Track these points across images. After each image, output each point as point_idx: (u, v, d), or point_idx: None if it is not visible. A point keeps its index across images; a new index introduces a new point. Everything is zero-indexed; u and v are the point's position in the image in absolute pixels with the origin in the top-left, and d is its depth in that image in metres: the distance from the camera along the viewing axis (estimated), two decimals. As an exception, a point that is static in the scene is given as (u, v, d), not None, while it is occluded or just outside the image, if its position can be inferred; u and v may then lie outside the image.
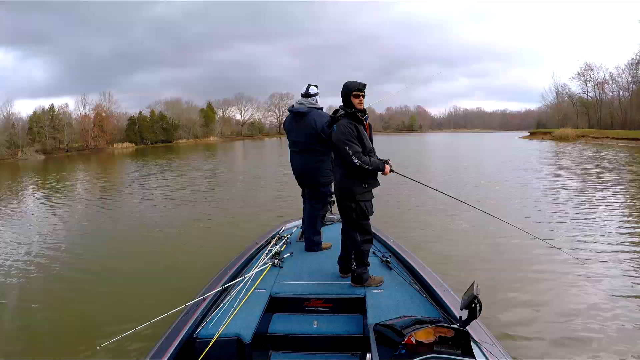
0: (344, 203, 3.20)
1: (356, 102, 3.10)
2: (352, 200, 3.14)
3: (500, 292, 4.77)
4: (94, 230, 8.96)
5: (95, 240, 8.17)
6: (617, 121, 55.55)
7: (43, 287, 5.66)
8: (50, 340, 4.18)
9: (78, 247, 7.60)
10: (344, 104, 3.15)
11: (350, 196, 3.14)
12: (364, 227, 3.22)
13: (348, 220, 3.23)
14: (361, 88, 3.11)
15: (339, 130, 3.08)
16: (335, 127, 3.12)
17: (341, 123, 3.09)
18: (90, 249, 7.41)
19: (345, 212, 3.20)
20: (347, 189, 3.15)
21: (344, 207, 3.21)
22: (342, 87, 3.15)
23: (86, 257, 6.95)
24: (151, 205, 11.82)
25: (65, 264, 6.63)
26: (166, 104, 75.58)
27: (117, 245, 7.67)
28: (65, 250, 7.39)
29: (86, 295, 5.34)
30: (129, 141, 62.37)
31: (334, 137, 3.11)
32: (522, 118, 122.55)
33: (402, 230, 7.59)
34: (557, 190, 12.21)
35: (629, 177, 15.25)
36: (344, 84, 3.15)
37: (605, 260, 5.74)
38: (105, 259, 6.79)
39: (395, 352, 2.02)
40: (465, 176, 15.57)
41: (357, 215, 3.16)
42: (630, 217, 8.56)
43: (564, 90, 67.45)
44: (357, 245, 3.19)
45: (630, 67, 53.86)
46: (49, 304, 5.11)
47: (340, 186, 3.21)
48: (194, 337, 2.54)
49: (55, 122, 53.86)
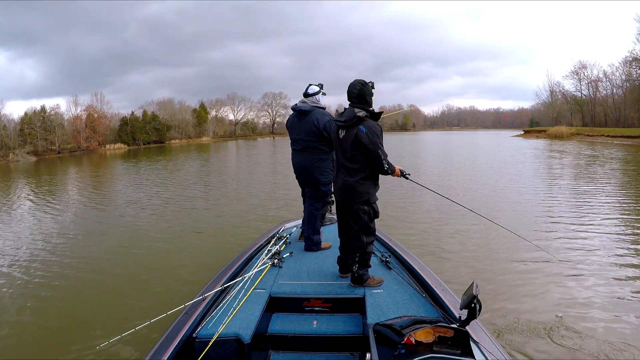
0: (356, 207, 3.11)
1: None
2: (366, 204, 3.10)
3: (500, 292, 4.78)
4: (92, 231, 8.86)
5: (93, 241, 8.09)
6: (610, 119, 56.17)
7: (42, 288, 5.61)
8: (49, 341, 4.15)
9: (76, 248, 7.53)
10: (364, 102, 3.07)
11: (366, 200, 3.09)
12: (372, 229, 3.20)
13: (358, 224, 3.14)
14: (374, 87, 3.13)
15: (373, 132, 2.96)
16: (365, 128, 2.95)
17: (372, 125, 2.98)
18: (89, 250, 7.35)
19: (357, 215, 3.12)
20: (364, 192, 3.08)
21: (356, 211, 3.12)
22: (359, 86, 3.06)
23: (85, 257, 6.89)
24: (149, 206, 11.73)
25: (64, 264, 6.58)
26: (158, 104, 75.33)
27: (116, 246, 7.61)
28: (64, 251, 7.32)
29: (85, 295, 5.31)
30: (121, 142, 61.84)
31: (365, 139, 2.95)
32: (515, 116, 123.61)
33: (402, 230, 7.62)
34: (570, 193, 11.46)
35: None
36: (362, 82, 3.09)
37: (605, 261, 5.74)
38: (104, 259, 6.75)
39: (394, 352, 2.02)
40: (466, 179, 15.08)
41: (369, 217, 3.13)
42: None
43: (557, 89, 68.06)
44: (363, 247, 3.15)
45: (624, 65, 54.42)
46: (48, 305, 5.08)
47: (356, 190, 3.08)
48: (194, 337, 2.54)
49: (47, 124, 53.22)
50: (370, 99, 3.11)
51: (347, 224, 3.29)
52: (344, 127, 3.09)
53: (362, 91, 3.06)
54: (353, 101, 3.10)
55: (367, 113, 3.01)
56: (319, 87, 3.93)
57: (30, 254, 7.15)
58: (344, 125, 3.07)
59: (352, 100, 3.11)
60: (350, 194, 3.11)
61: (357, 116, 2.98)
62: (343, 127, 3.09)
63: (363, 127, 2.96)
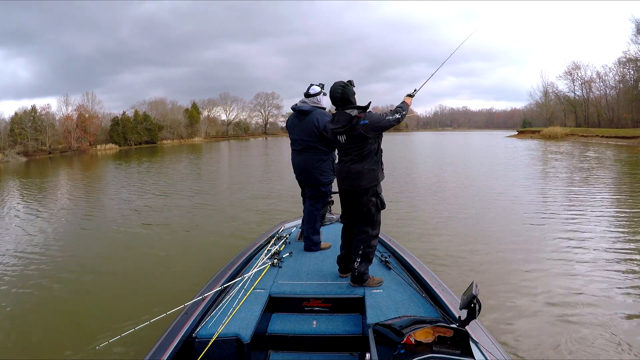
0: (365, 198, 3.11)
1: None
2: (374, 195, 3.12)
3: (500, 292, 4.80)
4: (90, 233, 8.80)
5: (92, 242, 8.03)
6: (604, 119, 56.54)
7: (41, 288, 5.58)
8: (49, 341, 4.14)
9: (75, 249, 7.48)
10: (349, 103, 3.09)
11: (374, 190, 3.11)
12: (378, 221, 3.22)
13: (365, 216, 3.16)
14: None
15: (374, 118, 2.99)
16: (366, 120, 2.97)
17: (369, 115, 3.01)
18: (88, 251, 7.32)
19: (365, 206, 3.13)
20: (374, 178, 3.09)
21: (364, 202, 3.13)
22: (340, 89, 3.08)
23: (84, 258, 6.86)
24: (148, 206, 11.70)
25: (63, 264, 6.56)
26: (150, 104, 74.96)
27: (114, 247, 7.59)
28: (62, 253, 7.28)
29: (85, 295, 5.30)
30: (112, 142, 61.41)
31: (374, 127, 2.99)
32: (507, 117, 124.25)
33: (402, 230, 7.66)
34: (577, 196, 10.96)
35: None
36: (342, 84, 3.10)
37: (606, 261, 5.76)
38: (103, 260, 6.73)
39: (394, 352, 2.02)
40: (469, 183, 14.36)
41: (376, 208, 3.15)
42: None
43: (551, 89, 68.55)
44: (367, 240, 3.17)
45: (618, 66, 54.73)
46: (47, 305, 5.06)
47: (366, 177, 3.08)
48: (193, 337, 2.53)
49: (37, 123, 52.69)
50: (354, 98, 3.13)
51: (352, 218, 3.31)
52: (343, 132, 3.08)
53: (344, 93, 3.08)
54: (339, 104, 3.11)
55: (359, 110, 3.03)
56: (320, 88, 3.93)
57: (27, 257, 7.08)
58: (343, 130, 3.06)
59: (337, 104, 3.13)
60: (358, 182, 3.10)
61: (354, 117, 2.99)
62: (342, 132, 3.08)
63: (364, 121, 2.98)
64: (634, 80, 51.21)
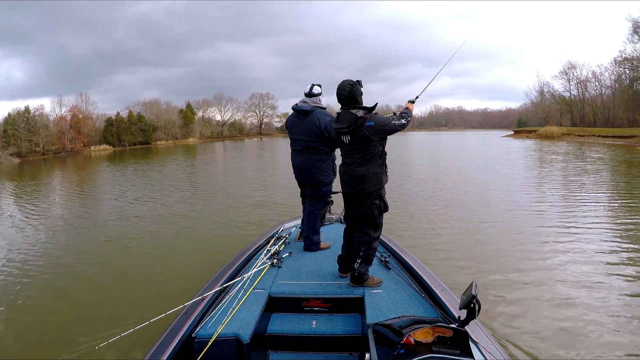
0: (369, 200, 3.11)
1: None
2: (378, 197, 3.12)
3: (499, 292, 4.81)
4: (89, 233, 8.75)
5: (91, 242, 8.00)
6: (599, 119, 56.74)
7: (40, 289, 5.56)
8: (49, 341, 4.13)
9: (74, 250, 7.45)
10: (355, 103, 3.07)
11: (378, 193, 3.11)
12: (381, 224, 3.22)
13: (368, 218, 3.15)
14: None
15: (379, 121, 2.97)
16: (372, 122, 2.95)
17: (374, 116, 2.98)
18: (87, 252, 7.29)
19: (369, 209, 3.12)
20: (378, 182, 3.08)
21: (368, 205, 3.12)
22: (348, 87, 3.04)
23: (84, 259, 6.84)
24: (147, 206, 11.66)
25: (63, 264, 6.53)
26: (144, 105, 74.62)
27: (114, 247, 7.57)
28: (62, 253, 7.25)
29: (85, 295, 5.29)
30: (106, 143, 61.01)
31: (379, 129, 2.97)
32: (502, 116, 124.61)
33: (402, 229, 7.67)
34: (579, 199, 10.65)
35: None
36: (351, 82, 3.06)
37: (606, 261, 5.77)
38: (103, 260, 6.71)
39: (394, 352, 2.02)
40: (470, 184, 14.08)
41: (379, 211, 3.15)
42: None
43: (547, 89, 68.80)
44: (369, 241, 3.17)
45: (614, 65, 54.86)
46: (47, 305, 5.04)
47: (370, 181, 3.06)
48: (193, 337, 2.53)
49: (31, 125, 52.30)
50: (360, 98, 3.11)
51: (355, 219, 3.31)
52: (347, 132, 3.06)
53: (352, 92, 3.05)
54: (345, 103, 3.09)
55: (365, 111, 3.00)
56: (321, 88, 3.94)
57: (25, 257, 7.06)
58: (347, 130, 3.04)
59: (343, 102, 3.10)
60: (362, 185, 3.09)
61: (360, 117, 2.96)
62: (347, 133, 3.07)
63: (369, 122, 2.96)
64: (630, 80, 51.41)
